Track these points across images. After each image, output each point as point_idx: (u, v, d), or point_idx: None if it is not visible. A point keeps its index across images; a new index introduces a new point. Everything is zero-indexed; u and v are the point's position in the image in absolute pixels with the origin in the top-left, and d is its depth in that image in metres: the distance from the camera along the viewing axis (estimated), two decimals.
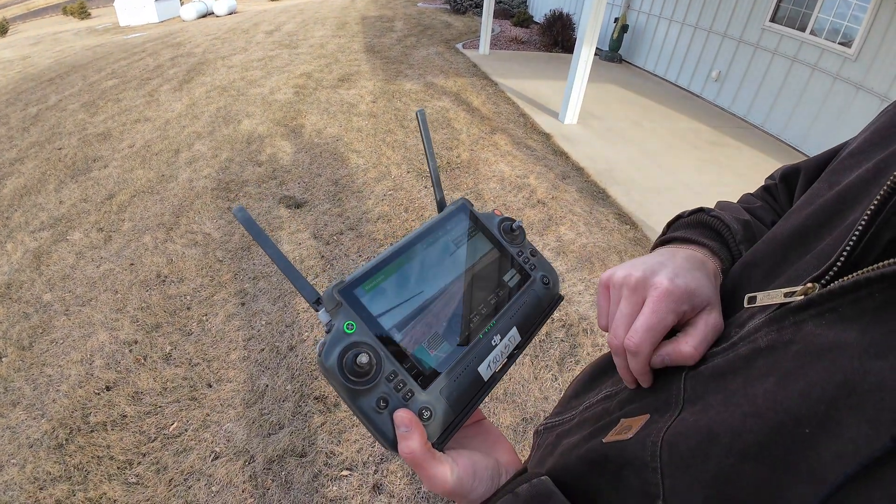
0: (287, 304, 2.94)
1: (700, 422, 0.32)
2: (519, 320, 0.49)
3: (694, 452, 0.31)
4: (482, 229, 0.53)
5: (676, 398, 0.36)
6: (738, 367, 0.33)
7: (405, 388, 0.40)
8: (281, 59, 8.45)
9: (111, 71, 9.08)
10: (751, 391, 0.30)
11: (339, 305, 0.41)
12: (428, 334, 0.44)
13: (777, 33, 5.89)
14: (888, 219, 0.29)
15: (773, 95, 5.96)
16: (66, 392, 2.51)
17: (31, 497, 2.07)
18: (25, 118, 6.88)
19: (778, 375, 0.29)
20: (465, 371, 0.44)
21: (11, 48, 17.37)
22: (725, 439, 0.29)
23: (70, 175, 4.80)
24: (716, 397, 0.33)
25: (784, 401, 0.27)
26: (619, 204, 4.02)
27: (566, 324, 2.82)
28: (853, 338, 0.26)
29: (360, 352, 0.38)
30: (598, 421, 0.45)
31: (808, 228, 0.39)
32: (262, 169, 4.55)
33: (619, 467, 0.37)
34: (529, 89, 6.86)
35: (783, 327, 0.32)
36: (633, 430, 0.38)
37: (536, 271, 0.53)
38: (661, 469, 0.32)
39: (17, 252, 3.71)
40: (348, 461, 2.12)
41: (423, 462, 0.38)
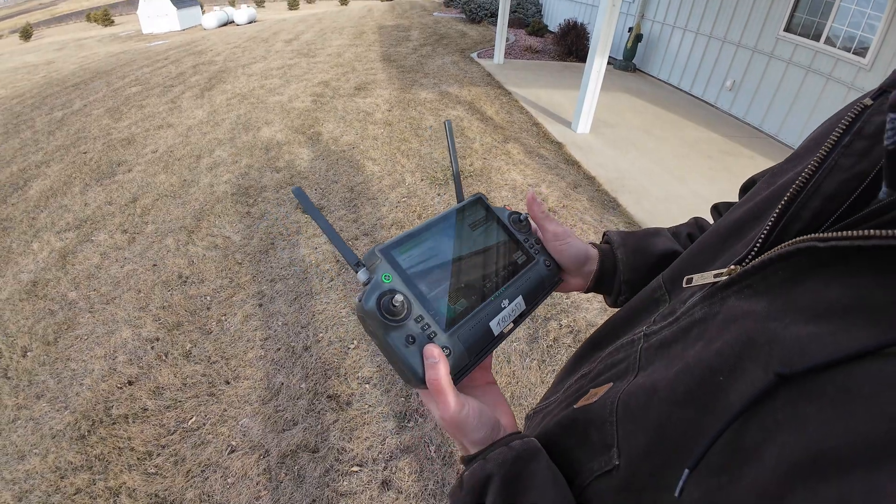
0: (303, 306, 3.03)
1: (646, 381, 0.39)
2: (524, 291, 0.58)
3: (640, 405, 0.38)
4: (494, 218, 0.63)
5: (633, 367, 0.43)
6: (678, 337, 0.40)
7: (430, 329, 0.48)
8: (299, 67, 8.64)
9: (135, 77, 9.35)
10: (685, 354, 0.37)
11: (378, 261, 0.50)
12: (449, 291, 0.52)
13: (791, 43, 5.89)
14: (797, 212, 0.36)
15: (787, 105, 5.95)
16: (90, 385, 2.62)
17: (52, 485, 2.16)
18: (51, 122, 7.12)
19: (705, 340, 0.36)
20: (479, 323, 0.52)
21: (36, 53, 17.92)
22: (663, 392, 0.36)
23: (95, 178, 4.98)
24: (661, 362, 0.40)
25: (706, 358, 0.34)
26: (630, 213, 4.05)
27: (574, 330, 2.86)
28: (761, 307, 0.33)
29: (395, 294, 0.47)
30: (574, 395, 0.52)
31: (744, 221, 0.45)
32: (280, 175, 4.67)
33: (585, 427, 0.44)
34: (543, 98, 6.93)
35: (713, 302, 0.38)
36: (598, 396, 0.44)
37: (540, 255, 0.63)
38: (616, 422, 0.39)
39: (43, 251, 3.86)
40: (359, 457, 2.19)
41: (444, 389, 0.45)
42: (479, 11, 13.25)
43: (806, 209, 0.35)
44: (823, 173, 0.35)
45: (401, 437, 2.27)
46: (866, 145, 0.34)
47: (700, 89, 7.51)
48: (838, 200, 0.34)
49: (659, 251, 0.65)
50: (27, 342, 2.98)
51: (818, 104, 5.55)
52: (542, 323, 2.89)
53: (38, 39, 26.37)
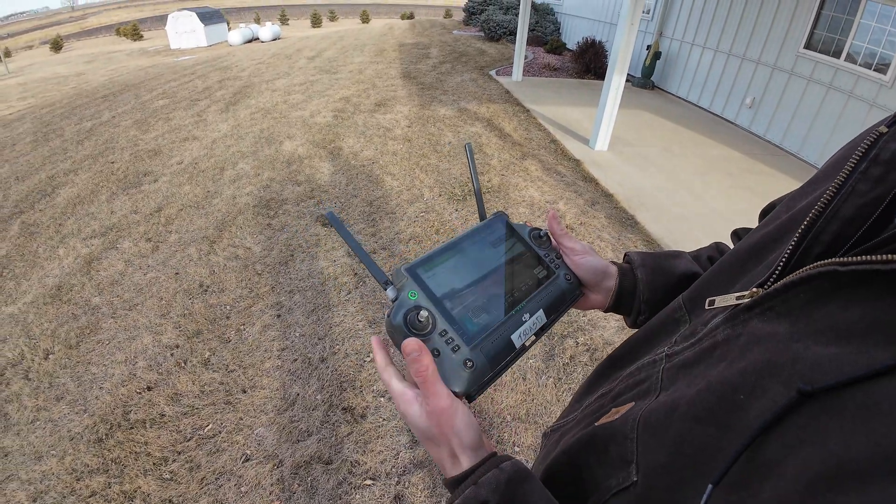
0: (320, 318, 3.06)
1: (668, 400, 0.40)
2: (545, 305, 0.60)
3: (660, 422, 0.38)
4: (515, 234, 0.65)
5: (655, 386, 0.44)
6: (701, 358, 0.40)
7: (454, 342, 0.51)
8: (321, 83, 8.83)
9: (162, 91, 9.64)
10: (707, 374, 0.38)
11: (405, 280, 0.53)
12: (472, 306, 0.55)
13: (812, 60, 5.85)
14: (816, 236, 0.37)
15: (808, 122, 5.89)
16: (109, 390, 2.66)
17: (67, 487, 2.18)
18: (80, 132, 7.35)
19: (728, 360, 0.37)
20: (501, 336, 0.54)
21: (66, 64, 18.60)
22: (684, 409, 0.36)
23: (122, 187, 5.12)
24: (683, 382, 0.40)
25: (728, 377, 0.35)
26: (648, 231, 4.02)
27: (590, 348, 2.83)
28: (783, 328, 0.34)
29: (421, 310, 0.49)
30: (594, 414, 0.52)
31: (764, 244, 0.46)
32: (301, 188, 4.75)
33: (605, 443, 0.44)
34: (561, 115, 6.96)
35: (736, 324, 0.39)
36: (619, 414, 0.45)
37: (560, 269, 0.65)
38: (637, 439, 0.40)
39: (68, 257, 3.96)
40: (372, 471, 2.18)
41: (432, 378, 0.46)
42: (498, 30, 13.43)
43: (825, 233, 0.36)
44: (842, 198, 0.36)
45: (414, 452, 2.26)
46: (882, 171, 0.35)
47: (720, 106, 7.48)
48: (856, 224, 0.35)
49: (679, 272, 0.65)
50: (49, 345, 3.04)
51: (839, 121, 5.48)
52: (558, 341, 2.87)
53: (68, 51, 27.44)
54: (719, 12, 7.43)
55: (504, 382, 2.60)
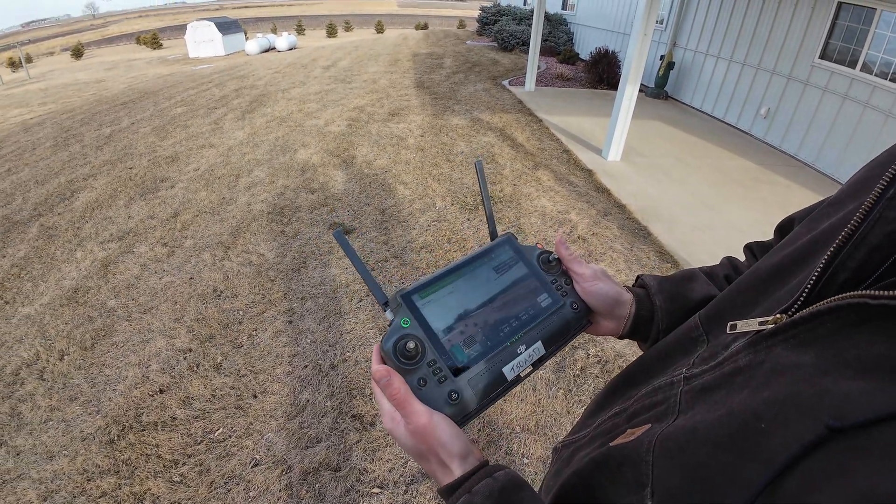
0: (331, 325, 3.08)
1: (687, 424, 0.39)
2: (545, 335, 0.58)
3: (679, 446, 0.38)
4: (522, 258, 0.63)
5: (673, 409, 0.43)
6: (721, 383, 0.40)
7: (441, 373, 0.51)
8: (336, 93, 8.94)
9: (180, 99, 9.82)
10: (729, 400, 0.37)
11: (399, 306, 0.53)
12: (464, 336, 0.54)
13: (827, 70, 5.80)
14: (843, 263, 0.36)
15: (824, 133, 5.82)
16: (122, 392, 2.69)
17: (77, 487, 2.20)
18: (99, 137, 7.50)
19: (751, 388, 0.36)
20: (491, 369, 0.53)
21: (86, 71, 19.04)
22: (704, 434, 0.36)
23: (139, 193, 5.21)
24: (703, 406, 0.40)
25: (752, 405, 0.34)
26: (661, 242, 3.99)
27: (601, 360, 2.81)
28: (809, 359, 0.34)
29: (409, 340, 0.50)
30: (608, 434, 0.52)
31: (785, 267, 0.45)
32: (314, 196, 4.80)
33: (619, 465, 0.44)
34: (573, 126, 6.96)
35: (758, 350, 0.38)
36: (635, 436, 0.44)
37: (567, 297, 0.62)
38: (653, 462, 0.39)
39: (86, 260, 4.04)
40: (380, 479, 2.18)
41: (406, 398, 0.47)
42: (511, 40, 13.51)
43: (852, 259, 0.36)
44: (869, 225, 0.36)
45: None
46: None
47: (734, 117, 7.43)
48: (884, 251, 0.35)
49: (698, 298, 0.64)
50: (65, 346, 3.09)
51: (856, 132, 5.42)
52: (569, 352, 2.85)
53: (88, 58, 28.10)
54: (733, 22, 7.40)
55: (514, 393, 2.58)
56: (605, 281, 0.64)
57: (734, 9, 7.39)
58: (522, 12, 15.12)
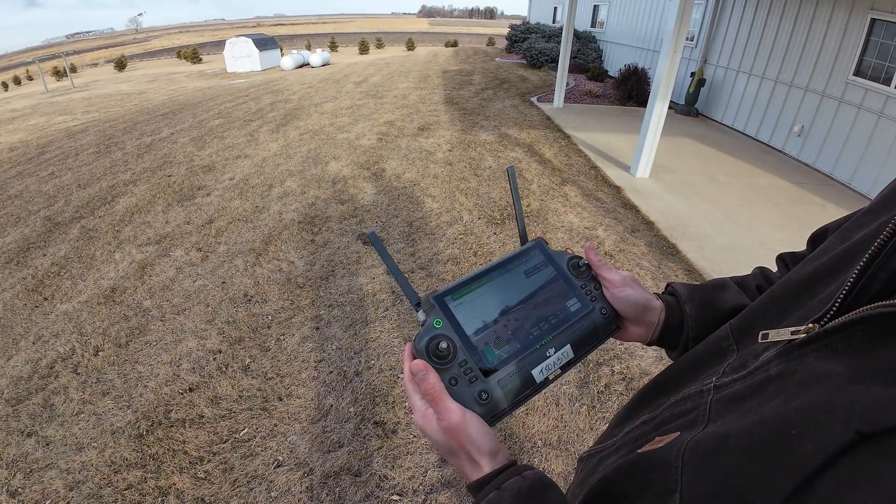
0: (357, 333, 3.12)
1: (718, 431, 0.39)
2: (574, 339, 0.59)
3: (709, 452, 0.38)
4: (552, 263, 0.65)
5: (703, 417, 0.44)
6: (753, 392, 0.40)
7: (472, 373, 0.52)
8: (367, 107, 9.13)
9: (218, 111, 10.18)
10: (760, 409, 0.37)
11: (432, 307, 0.55)
12: (495, 338, 0.56)
13: (861, 87, 5.66)
14: (875, 273, 0.37)
15: (859, 151, 5.66)
16: (153, 388, 2.78)
17: (105, 479, 2.27)
18: (140, 146, 7.83)
19: (783, 397, 0.37)
20: (520, 371, 0.55)
21: (129, 83, 19.90)
22: (734, 441, 0.36)
23: (177, 199, 5.41)
24: (734, 415, 0.40)
25: (784, 413, 0.35)
26: (690, 260, 3.92)
27: (626, 377, 2.76)
28: (841, 367, 0.34)
29: (442, 340, 0.52)
30: (635, 442, 0.52)
31: (818, 277, 0.46)
32: (344, 207, 4.91)
33: (647, 471, 0.44)
34: (602, 142, 6.93)
35: (790, 359, 0.39)
36: (664, 443, 0.45)
37: (596, 302, 0.63)
38: (682, 468, 0.39)
39: (123, 261, 4.20)
40: (399, 486, 2.18)
41: (440, 394, 0.49)
42: (540, 57, 13.59)
43: (884, 270, 0.36)
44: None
45: (443, 471, 2.25)
46: None
47: (766, 134, 7.28)
48: None
49: (729, 307, 0.63)
50: (100, 342, 3.21)
51: (892, 150, 5.25)
52: (593, 368, 2.82)
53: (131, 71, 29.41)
54: (765, 39, 7.30)
55: (536, 407, 2.57)
56: (634, 287, 0.64)
57: (766, 25, 7.30)
58: (551, 30, 15.22)
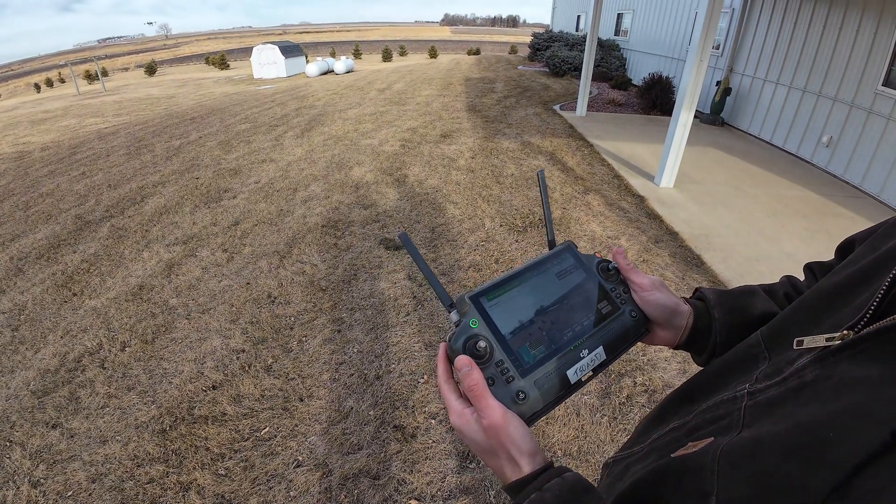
0: (378, 336, 3.14)
1: (753, 435, 0.40)
2: (606, 341, 0.59)
3: (745, 455, 0.39)
4: (582, 266, 0.65)
5: (737, 423, 0.44)
6: (788, 397, 0.41)
7: (508, 373, 0.52)
8: (390, 114, 9.23)
9: (244, 116, 10.40)
10: (796, 413, 0.38)
11: (468, 307, 0.55)
12: (530, 338, 0.56)
13: (891, 98, 5.50)
14: None
15: (890, 163, 5.49)
16: (178, 385, 2.83)
17: (127, 472, 2.30)
18: (169, 149, 8.03)
19: (819, 401, 0.37)
20: (556, 371, 0.55)
21: (159, 87, 20.44)
22: (770, 444, 0.37)
23: (204, 201, 5.54)
24: (769, 420, 0.41)
25: (819, 417, 0.35)
26: (715, 272, 3.85)
27: (648, 389, 2.72)
28: (875, 372, 0.35)
29: (480, 340, 0.52)
30: (666, 447, 0.52)
31: (850, 285, 0.46)
32: (367, 212, 4.96)
33: (680, 475, 0.44)
34: (625, 151, 6.87)
35: (825, 365, 0.39)
36: (698, 448, 0.45)
37: (626, 305, 0.63)
38: (718, 471, 0.40)
39: (151, 260, 4.31)
40: (418, 491, 2.18)
41: (483, 391, 0.49)
42: (563, 65, 13.56)
43: None
44: None
45: (461, 477, 2.24)
46: None
47: (794, 145, 7.12)
48: None
49: (758, 313, 0.64)
50: (127, 338, 3.28)
51: None
52: (615, 379, 2.78)
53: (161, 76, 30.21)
54: (793, 48, 7.16)
55: (557, 417, 2.54)
56: (663, 291, 0.64)
57: (793, 34, 7.17)
58: (575, 38, 15.19)
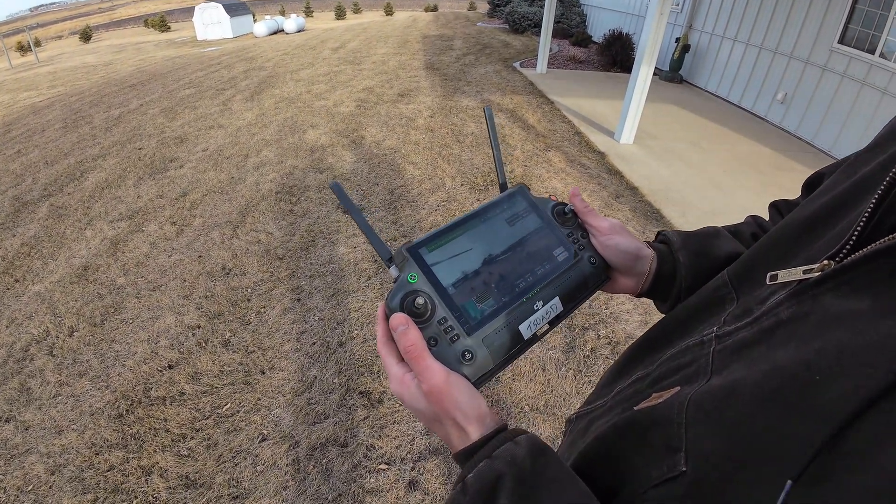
0: (340, 303, 3.06)
1: (724, 383, 0.35)
2: (562, 292, 0.54)
3: (716, 406, 0.34)
4: (536, 210, 0.59)
5: (705, 370, 0.39)
6: (760, 339, 0.36)
7: (453, 331, 0.47)
8: (345, 74, 8.85)
9: (189, 81, 9.78)
10: (772, 354, 0.33)
11: (405, 260, 0.49)
12: (477, 292, 0.50)
13: (846, 55, 5.63)
14: (892, 205, 0.33)
15: (841, 119, 5.67)
16: (132, 367, 2.70)
17: (86, 461, 2.21)
18: (108, 119, 7.50)
19: (798, 340, 0.32)
20: (507, 326, 0.50)
21: (95, 54, 19.02)
22: (745, 391, 0.33)
23: (148, 173, 5.21)
24: (739, 364, 0.36)
25: (802, 357, 0.31)
26: (674, 225, 3.93)
27: (612, 341, 2.77)
28: (867, 304, 0.30)
29: (418, 296, 0.46)
30: (629, 400, 0.48)
31: (825, 215, 0.41)
32: (323, 176, 4.77)
33: (645, 429, 0.40)
34: (586, 108, 6.85)
35: (802, 300, 0.35)
36: (663, 398, 0.41)
37: (584, 251, 0.58)
38: (686, 424, 0.35)
39: (95, 238, 4.05)
40: (387, 455, 2.17)
41: (421, 352, 0.43)
42: (523, 22, 13.29)
43: None
44: None
45: (430, 439, 2.24)
46: None
47: (750, 102, 7.26)
48: None
49: (724, 254, 0.59)
50: (74, 322, 3.10)
51: (874, 119, 5.27)
52: (579, 333, 2.82)
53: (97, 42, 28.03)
54: (751, 4, 7.19)
55: (523, 372, 2.56)
56: (623, 235, 0.59)
57: None
58: None
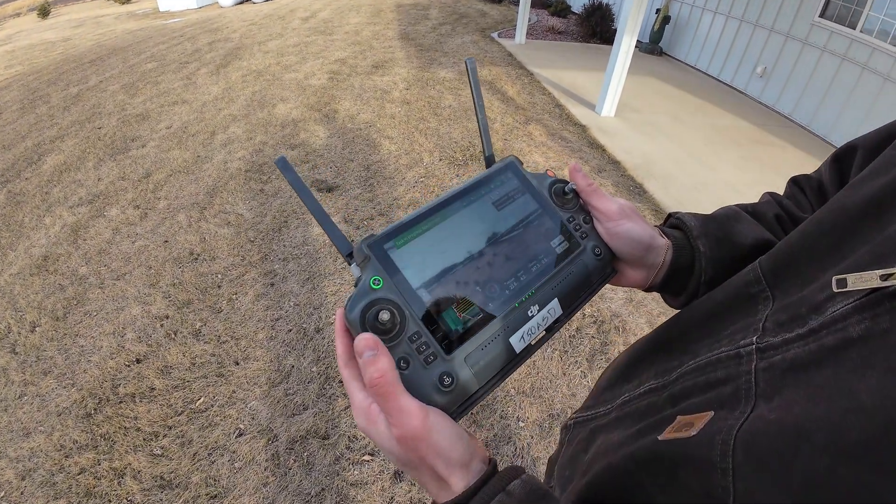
0: (315, 287, 2.94)
1: (785, 419, 0.28)
2: (561, 292, 0.44)
3: (778, 453, 0.27)
4: (530, 190, 0.48)
5: (747, 393, 0.32)
6: (823, 359, 0.28)
7: (428, 350, 0.37)
8: (316, 45, 8.49)
9: (151, 54, 9.28)
10: (847, 386, 0.26)
11: (367, 259, 0.39)
12: (458, 298, 0.40)
13: (826, 29, 5.60)
14: None
15: (820, 94, 5.68)
16: (98, 363, 2.56)
17: (56, 464, 2.11)
18: (66, 98, 7.07)
19: (882, 370, 0.25)
20: (495, 340, 0.40)
21: (53, 30, 17.96)
22: (820, 438, 0.25)
23: (109, 154, 4.92)
24: (797, 392, 0.28)
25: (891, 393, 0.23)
26: (657, 199, 3.88)
27: (598, 320, 2.73)
28: None
29: (382, 308, 0.36)
30: (644, 416, 0.40)
31: (886, 199, 0.33)
32: (295, 152, 4.57)
33: (673, 467, 0.32)
34: (566, 80, 6.71)
35: (878, 314, 0.27)
36: (696, 428, 0.33)
37: (588, 240, 0.48)
38: (734, 471, 0.28)
39: (55, 226, 3.81)
40: (370, 446, 2.10)
41: (392, 389, 0.34)
42: None
43: None
44: None
45: None
46: None
47: (729, 75, 7.22)
48: None
49: (749, 242, 0.50)
50: (36, 317, 2.93)
51: (853, 94, 5.28)
52: None
53: (56, 17, 26.47)
54: None
55: None
56: (634, 220, 0.49)
57: None
58: None
